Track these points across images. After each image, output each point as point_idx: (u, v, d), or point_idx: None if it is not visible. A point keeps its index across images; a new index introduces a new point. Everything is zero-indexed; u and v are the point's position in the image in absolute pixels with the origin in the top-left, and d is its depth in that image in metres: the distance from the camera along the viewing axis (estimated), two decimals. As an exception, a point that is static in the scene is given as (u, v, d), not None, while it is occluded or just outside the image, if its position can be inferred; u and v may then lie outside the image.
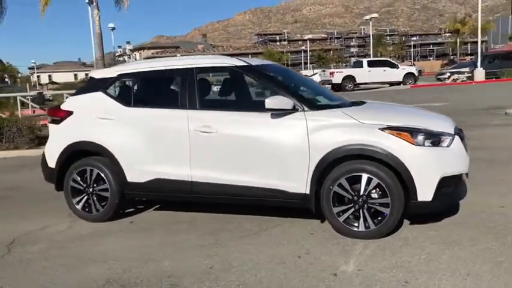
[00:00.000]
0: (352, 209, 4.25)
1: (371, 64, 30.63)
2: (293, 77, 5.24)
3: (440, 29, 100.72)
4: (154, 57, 63.77)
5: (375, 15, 44.72)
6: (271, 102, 4.32)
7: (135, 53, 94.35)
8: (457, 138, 4.29)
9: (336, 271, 3.63)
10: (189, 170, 4.71)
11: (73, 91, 15.75)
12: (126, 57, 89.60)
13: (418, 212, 4.28)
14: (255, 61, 5.13)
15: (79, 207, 5.21)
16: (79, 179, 5.17)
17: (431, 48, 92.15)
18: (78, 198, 5.21)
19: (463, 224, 4.49)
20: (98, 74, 5.39)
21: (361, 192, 4.19)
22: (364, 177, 4.16)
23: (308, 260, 3.86)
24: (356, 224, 4.26)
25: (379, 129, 4.14)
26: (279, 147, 4.39)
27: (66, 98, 6.52)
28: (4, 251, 4.44)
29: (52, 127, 5.43)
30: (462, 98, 19.22)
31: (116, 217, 5.21)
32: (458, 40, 60.09)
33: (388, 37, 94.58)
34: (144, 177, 4.89)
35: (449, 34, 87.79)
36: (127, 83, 5.22)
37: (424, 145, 4.10)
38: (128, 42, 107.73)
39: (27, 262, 4.14)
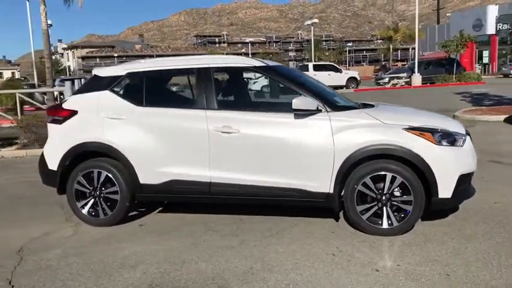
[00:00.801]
0: (376, 207, 4.39)
1: (316, 68, 31.43)
2: (305, 78, 5.30)
3: (373, 36, 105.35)
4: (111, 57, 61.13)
5: (316, 20, 45.89)
6: (298, 102, 4.37)
7: (67, 51, 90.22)
8: (468, 138, 4.56)
9: (376, 267, 3.74)
10: (208, 170, 4.65)
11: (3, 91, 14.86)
12: (58, 56, 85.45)
13: (438, 209, 4.49)
14: (270, 62, 5.15)
15: (84, 211, 4.98)
16: (85, 181, 4.94)
17: (364, 54, 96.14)
18: (83, 202, 4.98)
19: (469, 219, 4.77)
20: (103, 72, 5.16)
21: (385, 191, 4.35)
22: (389, 176, 4.31)
23: (344, 258, 3.95)
24: (379, 222, 4.40)
25: (403, 129, 4.32)
26: (303, 148, 4.44)
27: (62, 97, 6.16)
28: (17, 259, 4.16)
29: (53, 127, 5.14)
30: (409, 102, 20.19)
31: (122, 221, 5.02)
32: (391, 46, 62.88)
33: (324, 42, 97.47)
34: (159, 178, 4.77)
35: (381, 41, 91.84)
36: (137, 82, 5.04)
37: (443, 144, 4.32)
38: (60, 41, 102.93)
39: (50, 270, 3.91)
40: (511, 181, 6.28)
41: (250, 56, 73.48)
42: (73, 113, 4.99)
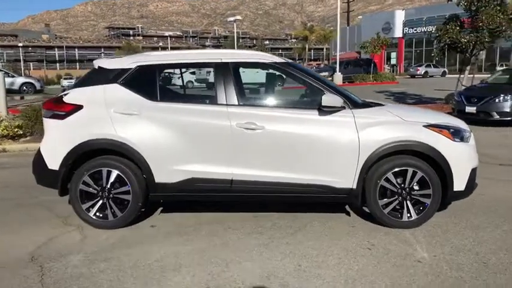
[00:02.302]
0: (397, 201, 4.57)
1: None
2: (320, 75, 5.33)
3: (287, 35, 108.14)
4: None
5: (239, 17, 46.13)
6: (327, 99, 4.41)
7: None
8: (472, 134, 4.90)
9: (416, 258, 3.90)
10: (230, 167, 4.54)
11: None
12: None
13: (452, 201, 4.77)
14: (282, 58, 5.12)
15: (91, 213, 4.63)
16: (92, 181, 4.59)
17: (280, 52, 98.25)
18: (89, 204, 4.63)
19: (468, 211, 5.11)
20: (110, 64, 4.81)
21: (406, 185, 4.54)
22: (410, 171, 4.50)
23: (381, 251, 4.07)
24: (399, 215, 4.59)
25: (423, 126, 4.54)
26: (329, 144, 4.50)
27: (64, 90, 5.62)
28: (36, 268, 3.77)
29: (52, 123, 4.70)
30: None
31: (130, 223, 4.75)
32: (307, 46, 65.09)
33: (240, 39, 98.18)
34: (176, 177, 4.56)
35: (295, 40, 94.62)
36: (149, 75, 4.76)
37: (457, 141, 4.60)
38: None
39: (85, 277, 3.60)
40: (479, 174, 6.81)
41: (169, 50, 71.96)
42: (77, 107, 4.61)
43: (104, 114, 4.56)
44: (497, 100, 12.02)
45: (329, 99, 4.42)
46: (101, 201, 4.63)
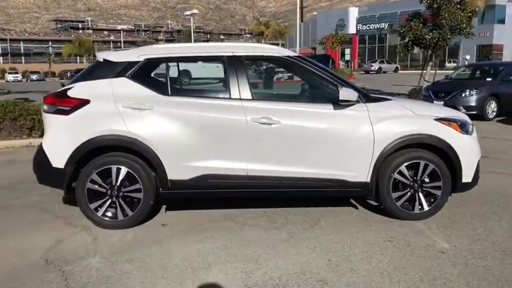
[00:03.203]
0: (409, 194, 4.65)
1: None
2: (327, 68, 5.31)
3: (240, 30, 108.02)
4: None
5: (195, 11, 45.59)
6: (345, 93, 4.40)
7: None
8: (474, 127, 5.05)
9: (438, 249, 3.98)
10: (245, 163, 4.46)
11: None
12: None
13: (460, 192, 4.89)
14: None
15: (100, 213, 4.42)
16: (100, 180, 4.38)
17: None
18: (98, 203, 4.42)
19: (468, 201, 5.25)
20: (117, 57, 4.59)
21: (418, 178, 4.62)
22: (422, 163, 4.59)
23: (403, 243, 4.12)
24: (410, 207, 4.67)
25: (434, 120, 4.63)
26: (343, 138, 4.50)
27: (62, 83, 5.28)
28: (56, 272, 3.56)
29: (56, 118, 4.44)
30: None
31: (139, 222, 4.58)
32: (262, 42, 65.24)
33: (195, 34, 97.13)
34: (190, 173, 4.44)
35: (250, 35, 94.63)
36: (157, 68, 4.58)
37: (464, 133, 4.73)
38: None
39: (113, 280, 3.43)
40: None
41: (122, 44, 70.39)
42: (84, 102, 4.38)
43: (113, 109, 4.36)
44: (463, 95, 12.51)
45: (346, 93, 4.42)
46: (109, 200, 4.43)
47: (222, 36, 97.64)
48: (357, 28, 57.23)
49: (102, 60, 4.62)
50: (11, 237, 4.33)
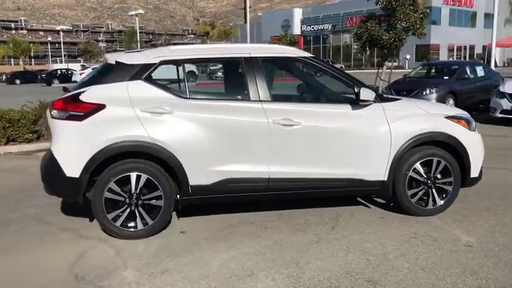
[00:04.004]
0: (423, 190, 4.77)
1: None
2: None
3: (184, 30, 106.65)
4: None
5: (141, 11, 44.58)
6: (365, 93, 4.44)
7: None
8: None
9: (464, 243, 4.10)
10: (267, 166, 4.40)
11: None
12: None
13: (468, 187, 5.05)
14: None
15: (118, 223, 4.21)
16: (118, 188, 4.17)
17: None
18: (116, 213, 4.20)
19: (468, 195, 5.38)
20: (130, 59, 4.36)
21: (431, 174, 4.75)
22: (435, 160, 4.72)
23: (428, 239, 4.20)
24: (424, 204, 4.79)
25: (445, 117, 4.78)
26: (362, 138, 4.55)
27: (65, 88, 4.87)
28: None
29: (68, 125, 4.16)
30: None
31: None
32: (208, 42, 64.93)
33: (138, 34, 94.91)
34: (212, 178, 4.32)
35: (193, 35, 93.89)
36: (174, 70, 4.40)
37: (471, 130, 4.92)
38: None
39: (159, 294, 3.26)
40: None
41: (62, 45, 67.46)
42: (99, 107, 4.14)
43: (131, 113, 4.16)
44: (424, 93, 13.03)
45: (366, 93, 4.47)
46: (128, 209, 4.22)
47: (167, 37, 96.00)
48: (301, 29, 58.18)
49: (114, 62, 4.39)
50: (25, 254, 4.03)
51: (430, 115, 4.77)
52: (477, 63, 21.33)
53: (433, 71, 15.49)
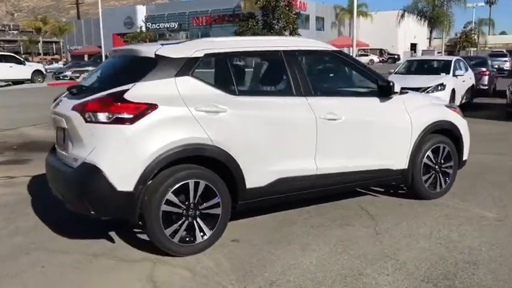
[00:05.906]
0: (434, 175, 5.14)
1: (-4, 59, 26.74)
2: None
3: (4, 26, 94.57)
4: None
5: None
6: (396, 86, 4.61)
7: None
8: None
9: (491, 218, 4.54)
10: (315, 162, 4.28)
11: None
12: None
13: (459, 169, 5.54)
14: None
15: (176, 239, 3.67)
16: (176, 199, 3.64)
17: (1, 45, 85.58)
18: (173, 228, 3.66)
19: (466, 178, 5.90)
20: (175, 52, 3.75)
21: (439, 160, 5.15)
22: (441, 147, 5.13)
23: (461, 219, 4.52)
24: (433, 187, 5.17)
25: (446, 107, 5.22)
26: (391, 128, 4.72)
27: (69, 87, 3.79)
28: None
29: (115, 129, 3.46)
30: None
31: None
32: (41, 39, 59.14)
33: None
34: (266, 179, 4.04)
35: (17, 31, 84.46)
36: (220, 65, 3.94)
37: (463, 118, 5.45)
38: None
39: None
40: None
41: None
42: (151, 107, 3.54)
43: (187, 113, 3.66)
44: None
45: (396, 86, 4.63)
46: (186, 222, 3.71)
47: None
48: (146, 26, 56.64)
49: (154, 55, 3.78)
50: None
51: (437, 105, 5.16)
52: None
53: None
